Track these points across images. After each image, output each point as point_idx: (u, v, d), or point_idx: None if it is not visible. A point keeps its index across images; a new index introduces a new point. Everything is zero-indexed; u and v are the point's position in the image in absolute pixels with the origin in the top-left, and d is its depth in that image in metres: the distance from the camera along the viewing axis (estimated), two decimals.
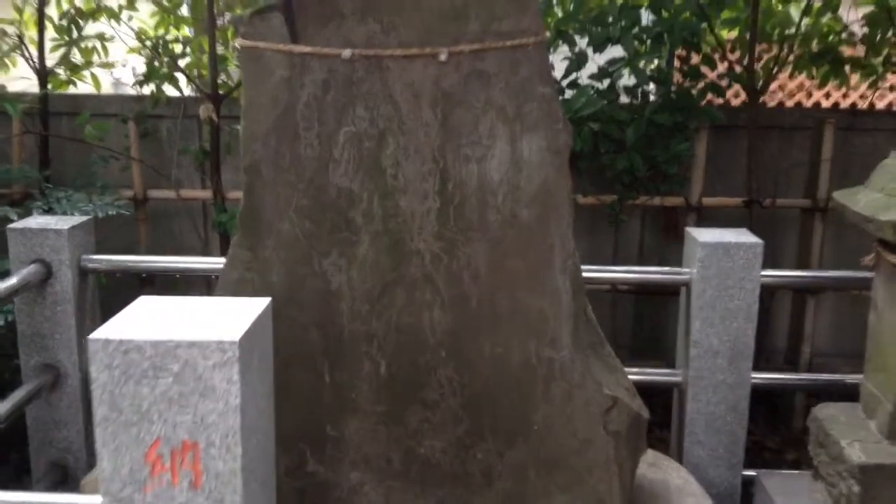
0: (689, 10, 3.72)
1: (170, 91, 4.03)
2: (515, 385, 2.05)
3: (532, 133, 1.96)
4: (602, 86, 3.79)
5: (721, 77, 3.98)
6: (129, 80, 4.08)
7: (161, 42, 3.98)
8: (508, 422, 2.07)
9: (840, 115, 4.11)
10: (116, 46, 4.13)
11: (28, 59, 3.98)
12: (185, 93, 4.07)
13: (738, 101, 4.52)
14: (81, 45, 4.03)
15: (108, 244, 3.39)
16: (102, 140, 3.93)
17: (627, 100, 3.85)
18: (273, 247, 2.04)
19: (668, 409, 3.07)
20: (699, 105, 3.83)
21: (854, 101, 4.91)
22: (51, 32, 3.98)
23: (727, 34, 4.08)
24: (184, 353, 1.53)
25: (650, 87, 3.88)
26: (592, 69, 3.80)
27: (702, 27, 3.76)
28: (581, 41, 3.72)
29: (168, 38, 4.02)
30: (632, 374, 2.34)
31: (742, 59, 3.94)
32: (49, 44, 3.98)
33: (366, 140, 1.97)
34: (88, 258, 2.90)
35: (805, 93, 5.21)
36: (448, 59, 1.91)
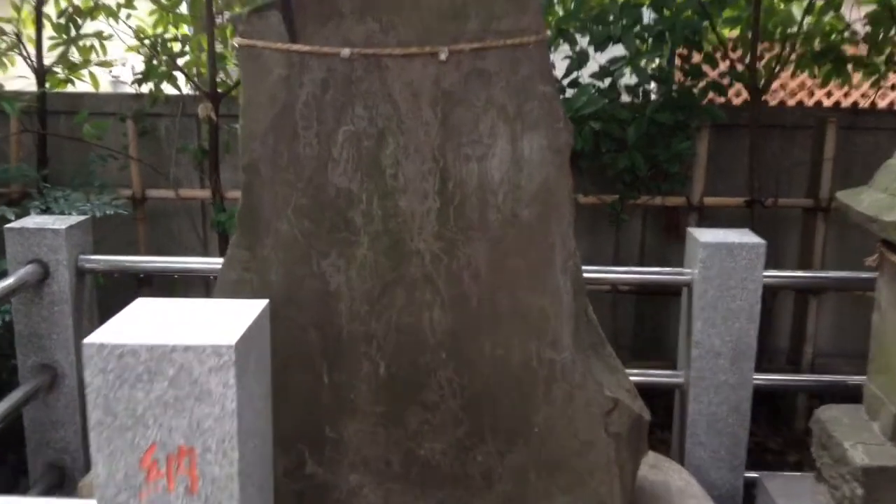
0: (691, 9, 3.70)
1: (168, 90, 4.01)
2: (516, 386, 2.04)
3: (533, 132, 1.95)
4: (603, 85, 3.77)
5: (723, 76, 3.96)
6: (129, 79, 4.06)
7: (160, 40, 3.96)
8: (509, 423, 2.06)
9: (842, 114, 4.09)
10: (115, 45, 4.11)
11: (26, 58, 3.97)
12: (184, 91, 4.05)
13: (739, 100, 4.50)
14: (79, 44, 4.02)
15: (107, 244, 3.38)
16: (101, 139, 3.92)
17: (628, 99, 3.84)
18: (271, 246, 2.02)
19: (670, 410, 3.06)
20: (701, 104, 3.81)
21: (855, 100, 4.89)
22: (49, 31, 3.96)
23: (729, 33, 4.06)
24: (179, 357, 1.52)
25: (651, 86, 3.86)
26: (593, 68, 3.78)
27: (703, 25, 3.74)
28: (582, 40, 3.70)
29: (167, 37, 4.00)
30: (633, 375, 2.33)
31: (744, 58, 3.92)
32: (47, 42, 3.96)
33: (365, 139, 1.95)
34: (86, 258, 2.89)
35: (807, 92, 5.20)
36: (448, 58, 1.90)
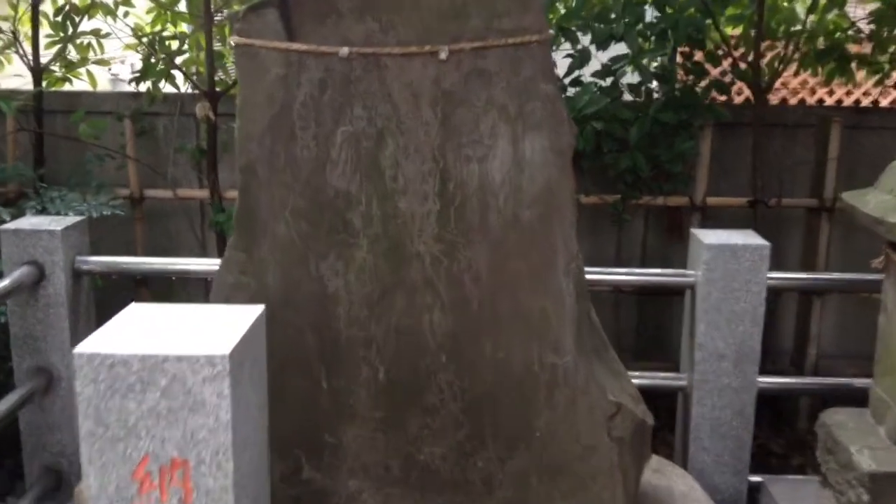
0: (694, 7, 3.67)
1: (166, 88, 3.98)
2: (517, 390, 2.01)
3: (535, 132, 1.92)
4: (605, 83, 3.73)
5: (725, 74, 3.92)
6: (128, 77, 4.03)
7: (157, 39, 3.93)
8: (510, 427, 2.03)
9: (846, 113, 4.05)
10: (112, 43, 4.08)
11: (22, 56, 3.93)
12: (182, 90, 4.03)
13: (741, 99, 4.47)
14: (77, 42, 3.98)
15: (104, 244, 3.34)
16: (98, 138, 3.88)
17: (631, 98, 3.81)
18: (269, 249, 2.00)
19: (673, 413, 3.03)
20: (703, 103, 3.78)
21: (858, 98, 4.86)
22: (45, 29, 3.93)
23: (731, 31, 4.03)
24: (172, 368, 1.48)
25: (654, 85, 3.82)
26: (595, 67, 3.75)
27: (706, 24, 3.70)
28: (584, 38, 3.67)
29: (165, 35, 3.97)
30: (635, 378, 2.31)
31: (747, 56, 3.88)
32: (44, 40, 3.93)
33: (364, 140, 1.92)
34: (83, 259, 2.86)
35: (808, 90, 5.17)
36: (448, 58, 1.87)
